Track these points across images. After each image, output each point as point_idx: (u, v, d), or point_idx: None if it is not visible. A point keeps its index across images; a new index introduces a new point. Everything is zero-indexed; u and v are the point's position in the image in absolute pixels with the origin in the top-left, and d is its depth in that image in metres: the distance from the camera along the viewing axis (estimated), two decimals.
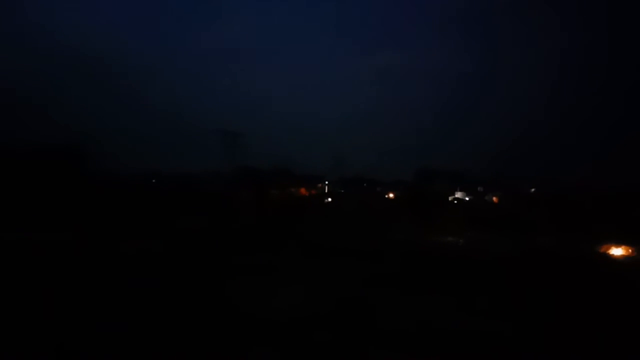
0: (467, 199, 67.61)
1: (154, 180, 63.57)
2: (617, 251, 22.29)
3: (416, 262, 17.25)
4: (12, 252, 16.09)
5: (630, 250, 22.12)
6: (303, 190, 54.90)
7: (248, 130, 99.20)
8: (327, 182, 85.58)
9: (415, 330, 9.24)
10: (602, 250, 22.54)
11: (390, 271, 15.41)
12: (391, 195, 66.89)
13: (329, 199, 55.77)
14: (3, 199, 25.17)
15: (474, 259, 18.63)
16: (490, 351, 8.42)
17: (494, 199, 63.37)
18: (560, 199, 42.05)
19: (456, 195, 68.57)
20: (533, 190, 63.43)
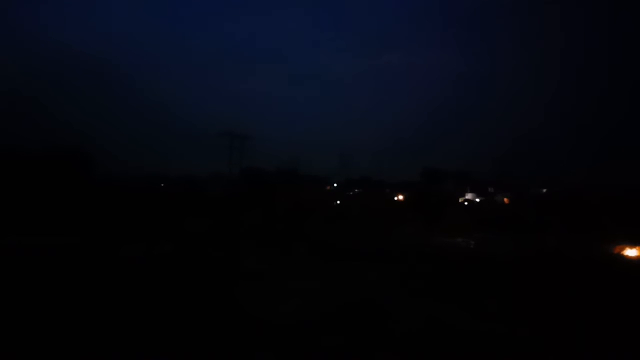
0: (477, 200, 66.86)
1: (162, 185, 63.99)
2: (631, 252, 21.84)
3: (427, 264, 17.02)
4: (15, 257, 16.00)
5: None
6: (310, 192, 54.70)
7: (254, 132, 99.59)
8: (335, 184, 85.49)
9: (425, 333, 9.04)
10: (617, 251, 22.11)
11: (401, 273, 15.21)
12: (400, 197, 66.26)
13: (337, 201, 55.47)
14: (9, 203, 25.26)
15: (487, 260, 18.35)
16: (503, 354, 8.18)
17: (505, 200, 62.60)
18: (572, 199, 41.51)
19: (467, 197, 67.90)
20: (544, 190, 62.76)
